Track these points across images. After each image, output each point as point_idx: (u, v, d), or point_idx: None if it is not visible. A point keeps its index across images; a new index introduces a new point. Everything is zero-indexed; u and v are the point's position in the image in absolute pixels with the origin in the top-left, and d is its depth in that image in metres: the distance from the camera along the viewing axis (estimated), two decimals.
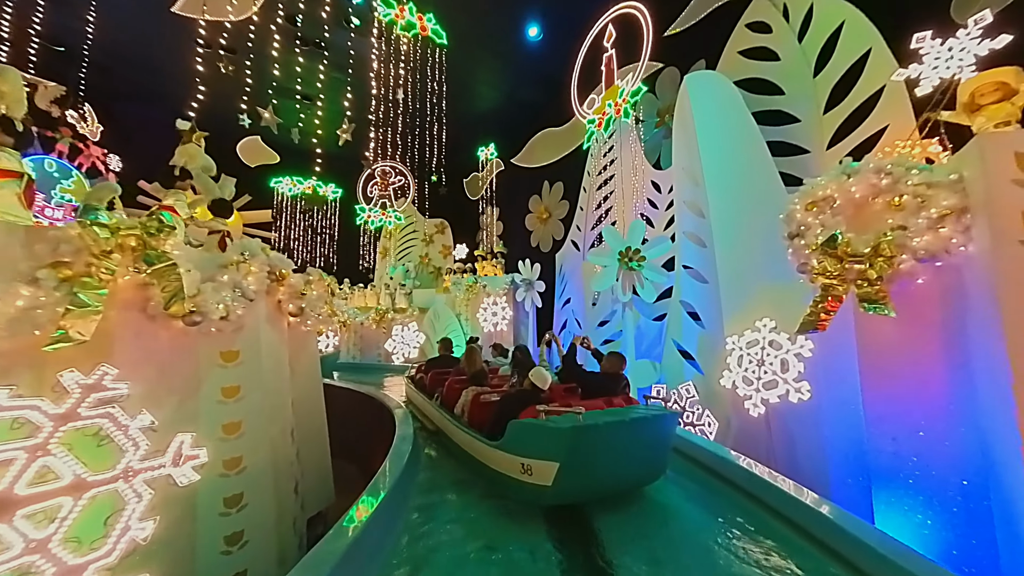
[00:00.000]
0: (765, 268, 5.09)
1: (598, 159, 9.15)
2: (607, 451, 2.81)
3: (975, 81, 3.39)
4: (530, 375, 3.32)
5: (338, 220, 18.47)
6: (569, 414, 2.71)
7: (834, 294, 3.20)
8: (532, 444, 2.77)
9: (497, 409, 3.31)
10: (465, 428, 3.64)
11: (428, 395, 4.99)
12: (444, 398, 4.50)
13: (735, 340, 5.05)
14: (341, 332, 14.07)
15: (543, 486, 2.68)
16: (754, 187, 5.31)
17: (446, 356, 6.09)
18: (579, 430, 2.58)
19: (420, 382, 5.68)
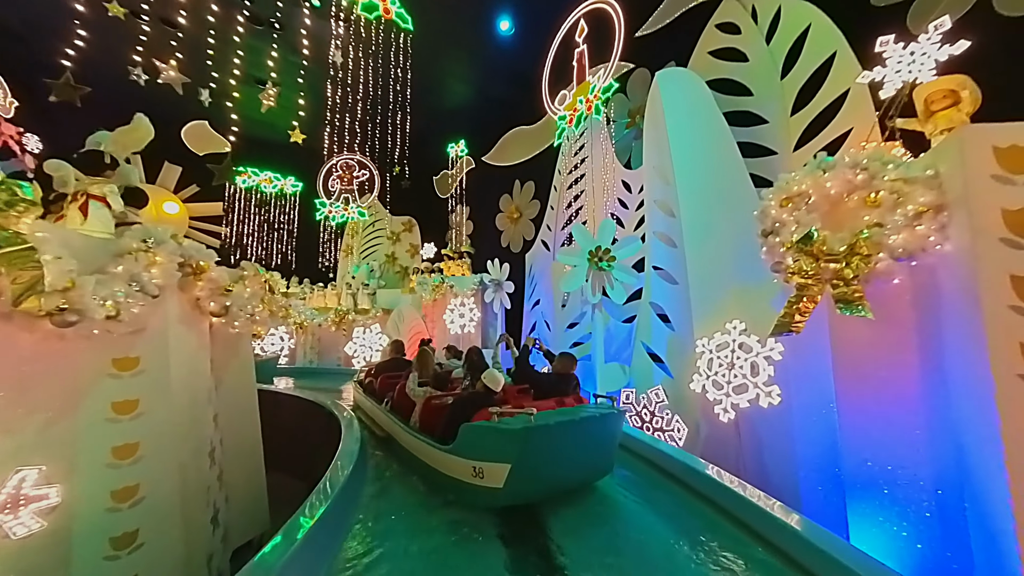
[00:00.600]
0: (735, 269, 4.99)
1: (569, 157, 8.95)
2: (558, 450, 2.86)
3: (927, 88, 3.40)
4: (483, 377, 3.28)
5: (298, 215, 17.42)
6: (521, 415, 2.73)
7: (809, 294, 3.04)
8: (484, 447, 2.76)
9: (449, 412, 3.26)
10: (416, 433, 3.55)
11: (378, 400, 4.78)
12: (394, 403, 4.33)
13: (705, 343, 4.89)
14: (297, 334, 13.16)
15: (495, 488, 2.69)
16: (725, 187, 5.21)
17: (397, 359, 5.75)
18: (530, 431, 2.60)
19: (369, 386, 5.43)
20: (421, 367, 4.40)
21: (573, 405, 3.42)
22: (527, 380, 4.03)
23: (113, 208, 3.72)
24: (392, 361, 5.74)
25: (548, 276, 9.01)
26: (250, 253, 16.58)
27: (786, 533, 2.35)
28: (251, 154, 16.52)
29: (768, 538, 2.44)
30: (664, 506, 3.05)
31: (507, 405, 3.03)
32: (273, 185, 17.13)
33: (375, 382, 5.30)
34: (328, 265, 15.98)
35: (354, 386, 6.22)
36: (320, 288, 13.96)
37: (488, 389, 3.24)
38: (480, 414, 2.94)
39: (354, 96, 10.20)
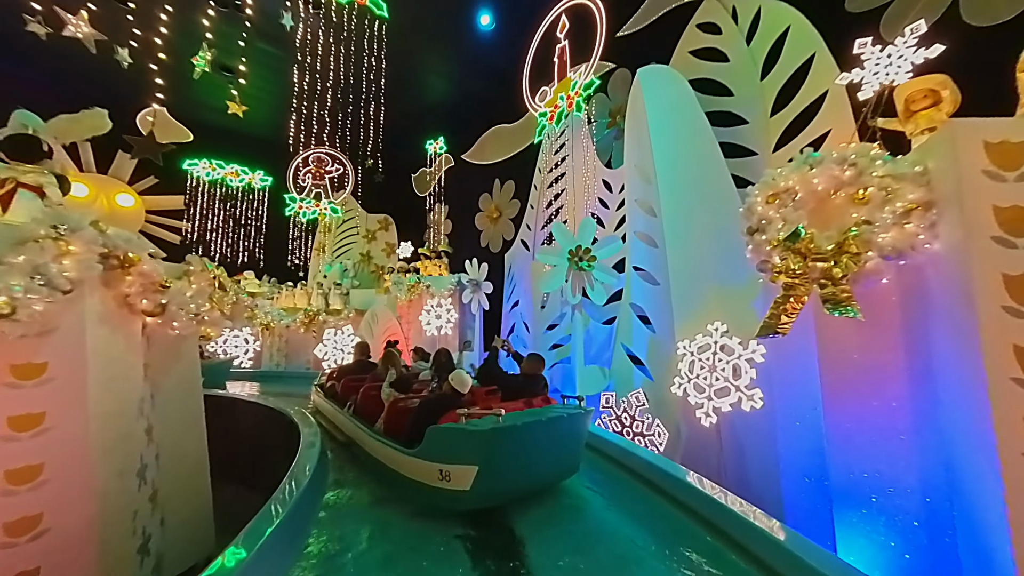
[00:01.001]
0: (716, 269, 4.90)
1: (549, 155, 8.77)
2: (526, 451, 2.85)
3: (907, 87, 3.37)
4: (450, 379, 3.26)
5: (266, 211, 16.58)
6: (489, 416, 2.71)
7: (796, 295, 2.91)
8: (451, 449, 2.73)
9: (415, 415, 3.21)
10: (380, 437, 3.47)
11: (340, 404, 4.66)
12: (358, 406, 4.23)
13: (686, 345, 4.77)
14: (263, 336, 12.46)
15: (461, 491, 2.65)
16: (706, 186, 5.12)
17: (362, 362, 5.54)
18: (498, 432, 2.58)
19: (331, 390, 5.26)
20: (388, 369, 4.30)
21: (541, 406, 3.42)
22: (495, 381, 4.00)
23: (50, 199, 3.23)
24: (356, 364, 5.52)
25: (527, 276, 8.80)
26: (214, 250, 15.67)
27: (767, 543, 2.22)
28: (217, 145, 15.65)
29: (749, 548, 2.32)
30: (631, 504, 3.06)
31: (475, 407, 2.99)
32: (240, 179, 16.26)
33: (337, 386, 5.08)
34: (298, 263, 15.26)
35: (314, 390, 5.94)
36: (289, 287, 13.26)
37: (455, 391, 3.21)
38: (447, 416, 2.92)
39: (323, 83, 9.69)
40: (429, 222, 16.02)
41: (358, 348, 5.89)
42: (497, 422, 2.63)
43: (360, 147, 10.99)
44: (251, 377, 11.18)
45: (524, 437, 2.77)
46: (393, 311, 12.03)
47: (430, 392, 3.89)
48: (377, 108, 10.29)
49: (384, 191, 17.04)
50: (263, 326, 12.19)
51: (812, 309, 3.01)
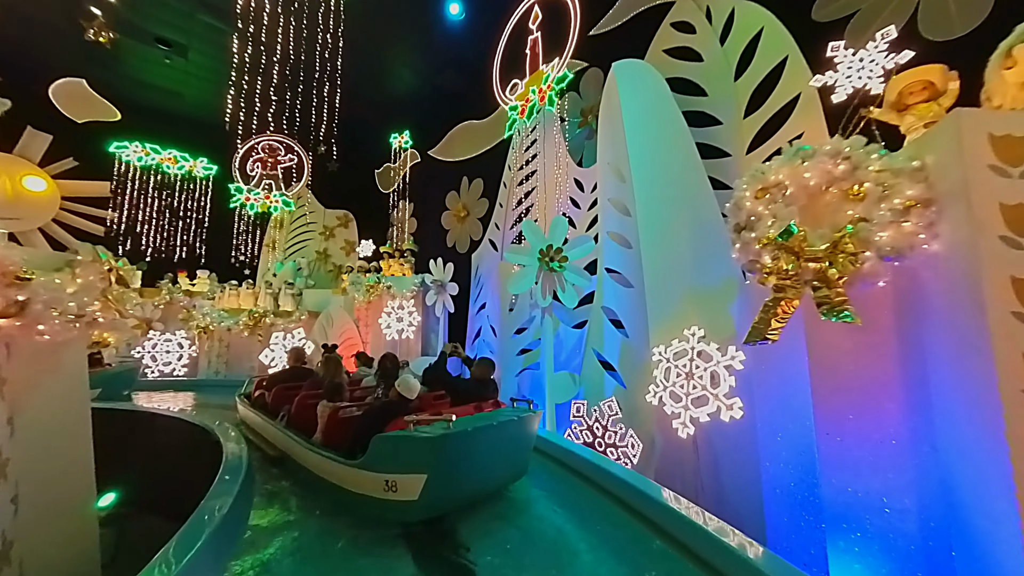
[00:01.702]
0: (693, 272, 4.69)
1: (520, 151, 8.42)
2: (477, 456, 2.82)
3: (903, 79, 3.23)
4: (396, 385, 3.17)
5: (210, 203, 15.09)
6: (439, 422, 2.65)
7: (788, 298, 2.67)
8: (398, 458, 2.64)
9: (359, 424, 3.08)
10: (319, 449, 3.25)
11: (271, 415, 4.37)
12: (293, 417, 3.98)
13: (661, 350, 4.52)
14: (200, 341, 11.20)
15: (409, 501, 2.58)
16: (682, 185, 4.93)
17: (296, 368, 5.21)
18: (449, 437, 2.53)
19: (260, 400, 4.92)
20: (327, 376, 4.13)
21: (492, 409, 3.41)
22: (444, 386, 3.93)
23: None
24: (290, 371, 5.16)
25: (495, 277, 8.37)
26: (146, 244, 14.05)
27: (749, 570, 2.00)
28: (152, 128, 14.07)
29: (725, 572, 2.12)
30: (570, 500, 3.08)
31: (423, 413, 2.90)
32: (179, 166, 14.72)
33: (267, 395, 4.73)
34: (244, 260, 13.96)
35: (238, 401, 5.48)
36: (233, 286, 12.05)
37: (403, 397, 3.12)
38: (394, 424, 2.81)
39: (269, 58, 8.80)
40: (393, 220, 15.24)
41: (292, 354, 5.50)
42: (447, 428, 2.57)
43: (312, 131, 10.08)
44: (184, 387, 9.96)
45: (475, 442, 2.75)
46: (351, 313, 11.21)
47: (375, 399, 3.71)
48: (332, 89, 9.48)
49: (344, 186, 16.06)
50: (200, 329, 10.95)
51: (801, 314, 2.80)
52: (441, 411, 2.98)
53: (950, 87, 2.97)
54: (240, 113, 10.64)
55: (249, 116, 10.13)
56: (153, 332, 11.11)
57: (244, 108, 10.53)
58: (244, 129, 10.74)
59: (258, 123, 10.02)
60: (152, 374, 10.85)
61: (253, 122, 10.41)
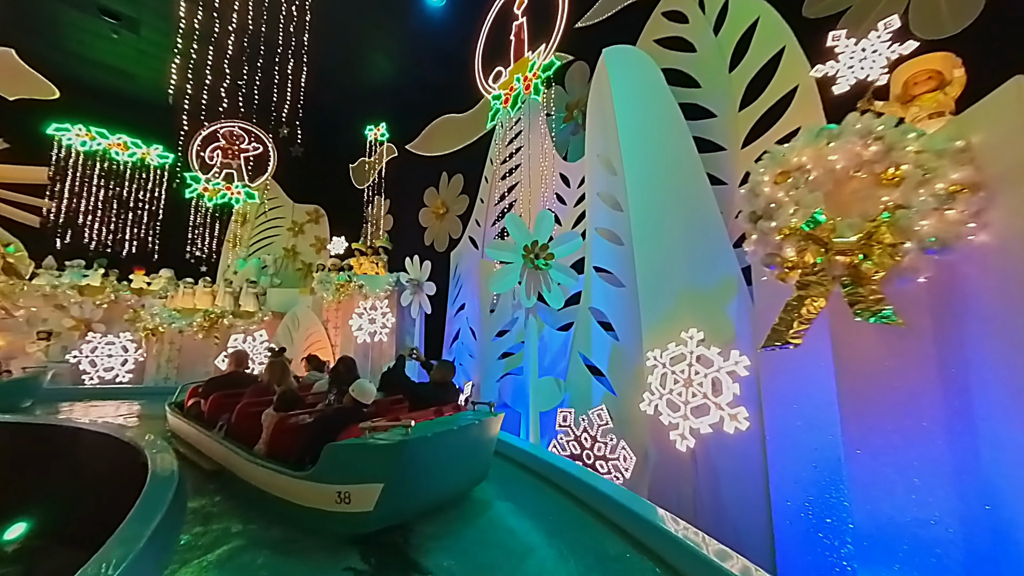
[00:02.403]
0: (689, 270, 4.38)
1: (503, 144, 8.00)
2: (437, 462, 2.75)
3: (908, 68, 3.02)
4: (351, 390, 3.03)
5: (164, 195, 13.88)
6: (397, 428, 2.53)
7: (813, 296, 2.34)
8: (352, 467, 2.51)
9: (310, 433, 2.90)
10: (263, 461, 3.02)
11: (207, 426, 4.03)
12: (233, 427, 3.66)
13: (657, 355, 4.18)
14: (148, 343, 10.16)
15: (363, 512, 2.48)
16: (678, 179, 4.63)
17: (237, 374, 4.83)
18: (407, 444, 2.42)
19: (194, 410, 4.58)
20: (273, 382, 3.91)
21: (452, 414, 3.32)
22: (402, 391, 3.81)
23: None
24: (229, 377, 4.76)
25: (475, 276, 7.90)
26: (89, 237, 12.77)
27: None
28: (98, 110, 12.82)
29: None
30: None
31: (380, 419, 2.76)
32: (131, 153, 13.48)
33: (203, 403, 4.36)
34: (200, 256, 12.89)
35: (168, 410, 5.05)
36: (188, 284, 11.03)
37: (357, 403, 2.99)
38: (348, 431, 2.68)
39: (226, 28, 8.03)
40: (367, 216, 14.49)
41: (233, 357, 5.08)
42: (406, 434, 2.45)
43: (273, 110, 9.31)
44: (127, 395, 8.95)
45: (435, 448, 2.66)
46: (319, 314, 10.46)
47: (327, 406, 3.49)
48: (297, 66, 8.76)
49: (316, 179, 15.21)
50: (148, 331, 9.93)
51: (825, 314, 2.48)
52: (399, 417, 2.86)
53: (955, 75, 2.77)
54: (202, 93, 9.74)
55: (206, 95, 9.24)
56: (93, 334, 10.04)
57: (203, 84, 9.64)
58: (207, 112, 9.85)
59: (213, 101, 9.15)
60: (91, 381, 9.77)
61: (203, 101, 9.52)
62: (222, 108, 9.50)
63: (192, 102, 10.46)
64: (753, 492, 3.30)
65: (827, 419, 2.70)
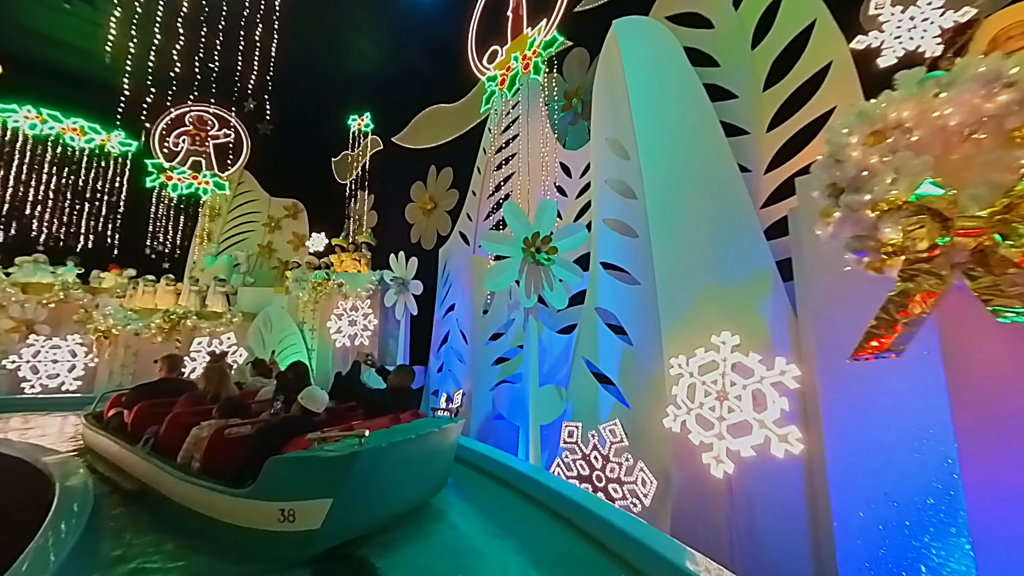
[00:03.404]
0: (716, 264, 3.83)
1: (498, 131, 7.38)
2: (393, 474, 2.61)
3: (999, 19, 2.53)
4: (300, 398, 2.85)
5: (127, 185, 12.76)
6: (349, 438, 2.36)
7: (925, 291, 1.78)
8: (297, 482, 2.31)
9: (251, 445, 2.67)
10: (195, 478, 2.76)
11: (130, 440, 3.69)
12: (161, 440, 3.37)
13: (682, 363, 3.60)
14: (100, 348, 9.15)
15: (309, 531, 2.29)
16: (701, 162, 4.10)
17: (170, 380, 4.44)
18: (360, 455, 2.25)
19: (115, 421, 4.18)
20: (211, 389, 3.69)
21: (410, 421, 3.20)
22: (356, 398, 3.69)
23: None
24: (159, 384, 4.38)
25: (467, 274, 7.25)
26: (37, 229, 11.60)
27: None
28: (51, 90, 11.67)
29: None
30: None
31: (331, 428, 2.67)
32: (88, 139, 12.36)
33: (126, 415, 3.97)
34: (163, 251, 11.85)
35: (84, 423, 4.60)
36: (149, 282, 10.03)
37: (307, 411, 2.85)
38: (294, 443, 2.53)
39: None
40: (350, 212, 13.66)
41: (166, 362, 4.60)
42: (359, 444, 2.32)
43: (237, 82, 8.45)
44: (67, 405, 7.97)
45: (391, 458, 2.52)
46: (294, 315, 9.62)
47: (272, 415, 3.26)
48: (268, 34, 7.94)
49: (294, 172, 14.29)
50: (100, 334, 8.93)
51: None
52: (352, 425, 2.73)
53: None
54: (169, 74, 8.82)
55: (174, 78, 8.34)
56: (36, 336, 8.98)
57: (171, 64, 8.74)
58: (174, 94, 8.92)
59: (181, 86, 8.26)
60: (31, 389, 8.72)
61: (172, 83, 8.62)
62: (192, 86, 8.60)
63: (157, 81, 9.54)
64: (805, 531, 2.74)
65: (915, 447, 2.15)
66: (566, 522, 2.75)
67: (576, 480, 4.24)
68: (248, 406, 3.57)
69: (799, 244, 3.32)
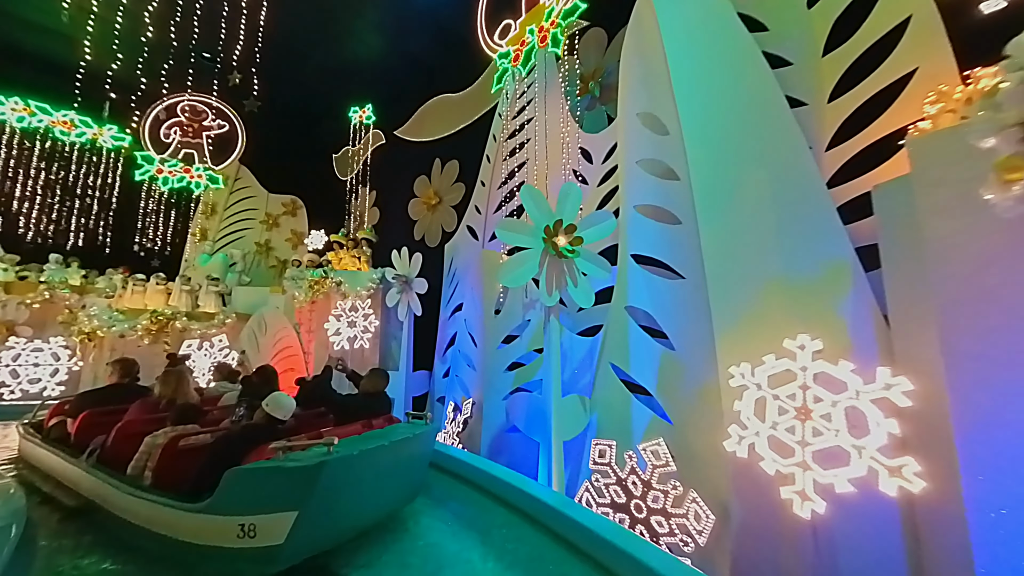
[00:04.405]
0: (781, 254, 3.20)
1: (510, 115, 6.78)
2: (363, 483, 2.51)
3: None
4: (264, 404, 2.69)
5: (119, 181, 12.23)
6: (318, 446, 2.25)
7: None
8: (259, 495, 2.19)
9: (209, 455, 2.52)
10: (146, 492, 2.56)
11: (73, 451, 3.42)
12: (109, 451, 3.08)
13: (745, 371, 2.97)
14: (84, 350, 8.60)
15: (271, 547, 2.16)
16: (759, 133, 3.47)
17: (121, 386, 4.04)
18: (327, 465, 2.14)
19: (57, 431, 3.92)
20: (168, 394, 3.45)
21: (384, 426, 3.10)
22: (326, 403, 3.57)
23: None
24: (109, 390, 4.04)
25: (476, 270, 6.63)
26: (25, 226, 11.10)
27: None
28: (39, 81, 11.16)
29: None
30: None
31: (299, 436, 2.52)
32: (78, 132, 11.85)
33: (69, 424, 3.75)
34: (152, 248, 11.30)
35: (21, 432, 4.29)
36: (139, 281, 9.48)
37: (272, 418, 2.68)
38: (257, 452, 2.36)
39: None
40: (350, 209, 13.09)
41: (117, 366, 4.21)
42: (328, 452, 2.18)
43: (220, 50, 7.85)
44: None
45: (362, 467, 2.40)
46: (291, 316, 9.03)
47: (233, 422, 3.12)
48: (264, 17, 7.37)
49: (293, 167, 13.74)
50: (83, 336, 8.37)
51: None
52: (322, 433, 2.60)
53: None
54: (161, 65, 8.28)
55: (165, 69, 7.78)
56: (16, 339, 8.45)
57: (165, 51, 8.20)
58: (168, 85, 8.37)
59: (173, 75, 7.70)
60: (11, 395, 8.19)
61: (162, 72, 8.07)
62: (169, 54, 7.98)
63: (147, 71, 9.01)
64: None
65: None
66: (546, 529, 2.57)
67: (609, 509, 3.60)
68: (205, 412, 3.32)
69: (893, 226, 2.70)
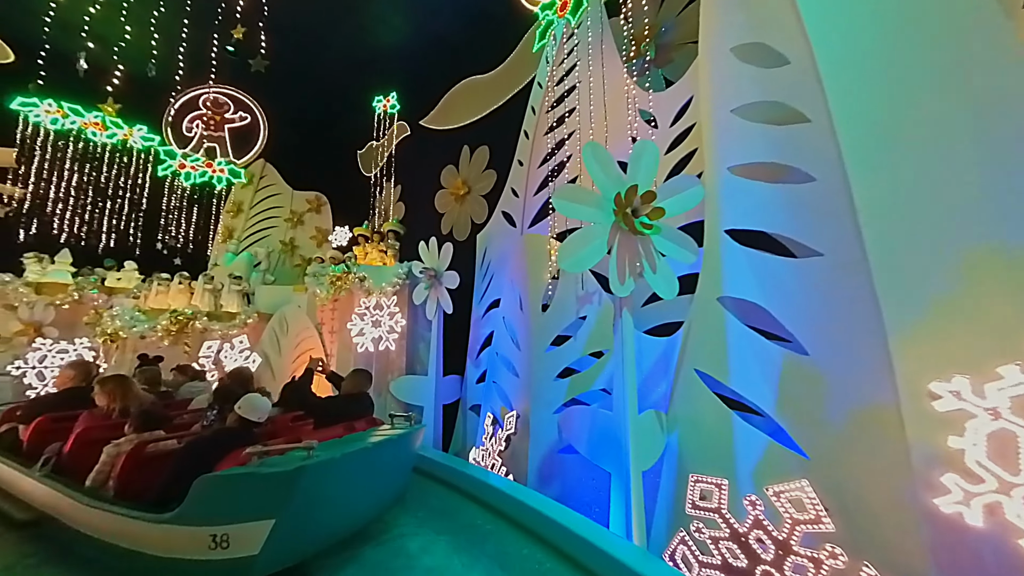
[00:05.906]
0: (992, 216, 2.15)
1: (552, 81, 5.86)
2: (344, 488, 2.44)
3: None
4: (237, 407, 2.57)
5: (149, 181, 12.15)
6: (296, 451, 2.18)
7: None
8: (232, 503, 2.08)
9: (177, 461, 2.42)
10: (107, 503, 2.42)
11: (25, 460, 3.13)
12: (66, 460, 2.92)
13: (962, 390, 1.94)
14: (107, 352, 8.32)
15: (246, 557, 2.06)
16: (945, 48, 2.41)
17: (79, 390, 3.74)
18: (305, 471, 2.05)
19: (6, 439, 3.59)
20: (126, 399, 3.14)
21: (366, 429, 3.06)
22: (305, 406, 3.47)
23: None
24: (66, 394, 3.80)
25: (515, 261, 5.77)
26: (60, 227, 11.12)
27: None
28: (70, 82, 11.16)
29: None
30: None
31: (276, 440, 2.47)
32: (110, 133, 11.82)
33: (21, 431, 3.49)
34: (175, 246, 11.06)
35: None
36: (164, 281, 9.17)
37: (245, 422, 2.56)
38: (231, 458, 2.25)
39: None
40: (375, 204, 12.53)
41: (75, 369, 3.97)
42: (307, 457, 2.11)
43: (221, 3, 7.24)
44: None
45: (342, 471, 2.34)
46: (313, 315, 8.47)
47: (204, 426, 2.92)
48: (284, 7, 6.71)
49: (318, 163, 13.33)
50: (106, 336, 8.07)
51: None
52: (300, 437, 2.52)
53: None
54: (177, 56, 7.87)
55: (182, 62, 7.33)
56: (43, 340, 8.26)
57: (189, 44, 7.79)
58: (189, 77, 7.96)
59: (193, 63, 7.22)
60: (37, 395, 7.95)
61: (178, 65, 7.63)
62: None
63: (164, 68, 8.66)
64: None
65: None
66: None
67: (720, 574, 2.62)
68: (172, 418, 3.18)
69: None
